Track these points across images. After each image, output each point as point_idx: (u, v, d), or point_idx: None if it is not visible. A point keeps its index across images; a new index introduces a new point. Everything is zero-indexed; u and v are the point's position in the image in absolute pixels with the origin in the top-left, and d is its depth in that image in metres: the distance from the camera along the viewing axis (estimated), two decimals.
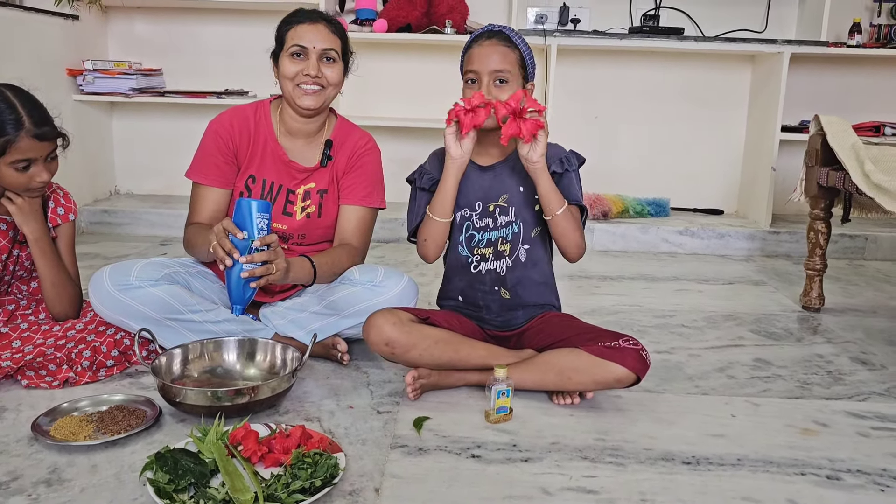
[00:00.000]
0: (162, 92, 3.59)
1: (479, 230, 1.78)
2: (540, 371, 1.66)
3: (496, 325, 1.82)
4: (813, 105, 3.53)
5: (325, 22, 1.84)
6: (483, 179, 1.78)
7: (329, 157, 1.93)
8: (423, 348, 1.68)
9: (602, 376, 1.61)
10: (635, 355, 1.60)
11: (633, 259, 3.27)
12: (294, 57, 1.82)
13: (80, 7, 3.44)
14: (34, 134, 1.62)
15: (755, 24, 3.65)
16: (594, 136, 3.77)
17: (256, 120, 1.92)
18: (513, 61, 1.69)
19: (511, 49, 1.70)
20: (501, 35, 1.71)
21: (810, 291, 2.53)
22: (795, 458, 1.49)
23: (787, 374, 1.95)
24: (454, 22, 3.38)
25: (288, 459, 1.32)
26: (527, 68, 1.73)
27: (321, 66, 1.82)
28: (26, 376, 1.70)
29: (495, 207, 1.76)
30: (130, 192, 3.87)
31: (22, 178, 1.66)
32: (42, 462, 1.38)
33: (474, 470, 1.41)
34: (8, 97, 1.62)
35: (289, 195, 1.92)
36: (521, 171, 1.73)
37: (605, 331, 1.71)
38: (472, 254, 1.79)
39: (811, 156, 2.45)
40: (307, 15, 1.84)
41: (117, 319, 1.77)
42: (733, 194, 3.82)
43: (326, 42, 1.82)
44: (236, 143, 1.90)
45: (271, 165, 1.91)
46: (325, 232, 1.97)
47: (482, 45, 1.70)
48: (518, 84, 1.70)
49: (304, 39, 1.81)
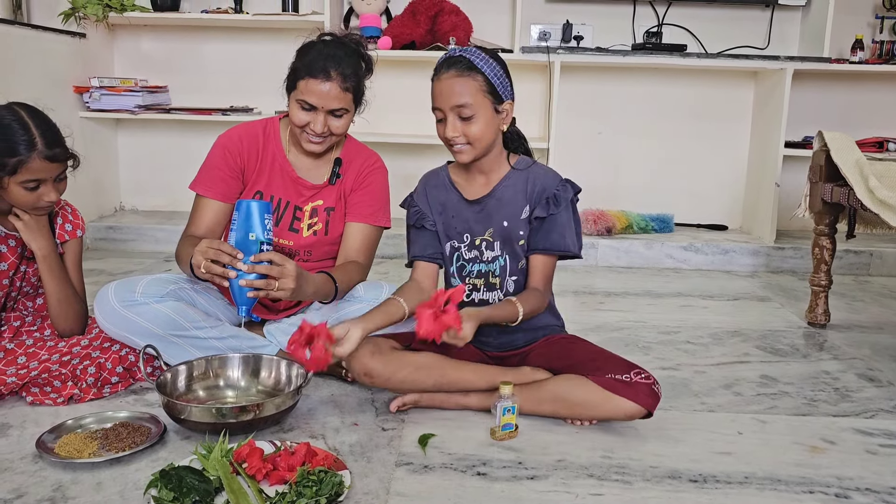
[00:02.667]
0: (167, 109, 3.61)
1: (468, 261, 1.75)
2: (547, 402, 1.64)
3: (495, 347, 1.79)
4: (816, 121, 3.54)
5: (340, 78, 1.75)
6: (470, 213, 1.74)
7: (338, 174, 1.93)
8: (404, 375, 1.65)
9: (612, 412, 1.58)
10: (648, 390, 1.57)
11: (638, 275, 3.26)
12: (302, 108, 1.78)
13: (88, 25, 3.48)
14: (46, 155, 1.63)
15: (758, 40, 3.67)
16: (597, 153, 3.78)
17: (266, 137, 1.93)
18: (474, 90, 1.59)
19: (471, 77, 1.59)
20: (460, 63, 1.60)
21: (816, 307, 2.52)
22: (803, 477, 1.48)
23: (793, 390, 1.94)
24: (458, 39, 3.40)
25: (293, 477, 1.31)
26: (496, 90, 1.62)
27: (329, 121, 1.79)
28: (31, 393, 1.70)
29: (482, 241, 1.73)
30: (135, 208, 3.88)
31: (30, 198, 1.66)
32: (46, 479, 1.38)
33: (480, 488, 1.40)
34: (22, 117, 1.63)
35: (296, 212, 1.92)
36: (506, 205, 1.70)
37: (612, 357, 1.67)
38: (465, 283, 1.76)
39: (815, 172, 2.45)
40: (321, 68, 1.74)
41: (122, 336, 1.77)
42: (737, 210, 3.82)
43: (336, 102, 1.77)
44: (244, 159, 1.90)
45: (279, 182, 1.92)
46: (330, 248, 1.97)
47: (441, 78, 1.61)
48: (487, 112, 1.61)
49: (312, 97, 1.75)
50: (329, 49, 1.78)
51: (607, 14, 3.66)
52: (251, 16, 3.47)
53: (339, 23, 3.62)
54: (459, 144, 1.64)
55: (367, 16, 3.52)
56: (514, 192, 1.71)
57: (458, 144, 1.64)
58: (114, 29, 3.72)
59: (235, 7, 3.52)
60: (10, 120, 1.62)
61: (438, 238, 1.78)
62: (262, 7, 3.60)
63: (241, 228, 1.61)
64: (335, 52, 1.77)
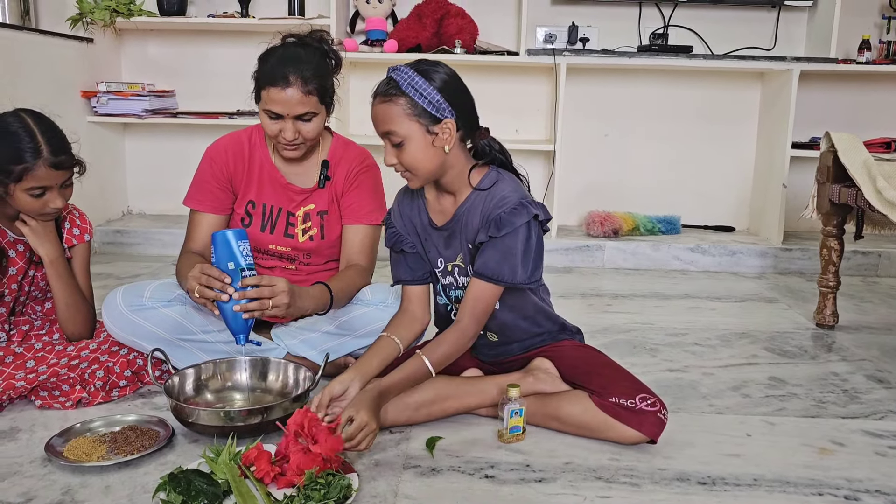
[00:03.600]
0: (174, 113, 3.62)
1: (445, 286, 1.71)
2: (550, 419, 1.61)
3: (489, 358, 1.77)
4: (823, 122, 3.53)
5: (301, 82, 1.69)
6: (439, 239, 1.66)
7: (327, 177, 1.91)
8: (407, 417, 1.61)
9: (616, 437, 1.55)
10: (653, 419, 1.53)
11: (645, 277, 3.26)
12: (270, 117, 1.75)
13: (95, 30, 3.49)
14: (51, 163, 1.63)
15: (764, 41, 3.66)
16: (604, 155, 3.78)
17: (251, 145, 1.91)
18: (397, 115, 1.49)
19: (393, 101, 1.48)
20: (388, 85, 1.50)
21: (824, 309, 2.51)
22: (812, 479, 1.47)
23: (802, 392, 1.93)
24: (464, 42, 3.41)
25: (301, 481, 1.31)
26: (425, 111, 1.49)
27: (298, 126, 1.75)
28: (40, 396, 1.70)
29: (454, 267, 1.66)
30: (143, 212, 3.90)
31: (36, 204, 1.67)
32: (55, 483, 1.38)
33: (488, 490, 1.40)
34: (28, 124, 1.64)
35: (289, 217, 1.92)
36: (465, 229, 1.60)
37: (620, 373, 1.63)
38: (451, 302, 1.72)
39: (823, 173, 2.44)
40: (280, 75, 1.69)
41: (130, 340, 1.78)
42: (744, 211, 3.81)
43: (300, 107, 1.71)
44: (231, 170, 1.89)
45: (269, 189, 1.91)
46: (331, 251, 1.97)
47: (373, 104, 1.53)
48: (418, 136, 1.50)
49: (276, 106, 1.71)
50: (287, 52, 1.74)
51: (613, 16, 3.66)
52: (257, 20, 3.48)
53: (345, 26, 3.63)
54: (401, 173, 1.57)
55: (373, 19, 3.52)
56: (473, 215, 1.59)
57: (401, 174, 1.58)
58: (121, 34, 3.73)
59: (241, 11, 3.53)
60: (16, 127, 1.62)
61: (421, 257, 1.71)
62: (267, 11, 3.62)
63: (221, 260, 1.62)
64: (293, 54, 1.73)
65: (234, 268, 1.61)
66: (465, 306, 1.57)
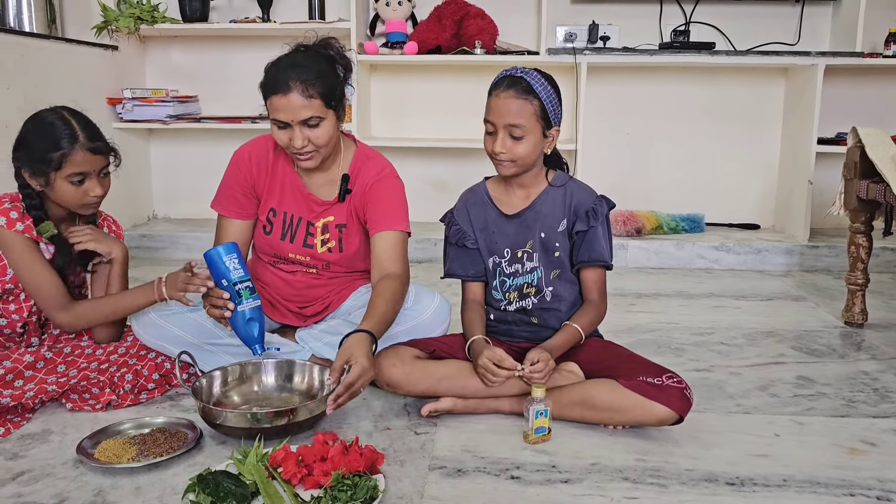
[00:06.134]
0: (198, 118, 3.66)
1: (508, 276, 1.79)
2: (575, 406, 1.64)
3: (522, 340, 1.81)
4: (849, 117, 3.47)
5: (301, 87, 1.69)
6: (509, 227, 1.79)
7: (347, 190, 1.89)
8: (428, 386, 1.69)
9: (642, 417, 1.57)
10: (679, 394, 1.56)
11: (669, 276, 3.23)
12: (279, 127, 1.75)
13: (120, 38, 3.54)
14: (88, 147, 1.69)
15: (788, 36, 3.62)
16: (626, 153, 3.76)
17: (275, 153, 1.91)
18: (529, 114, 1.65)
19: (529, 101, 1.65)
20: (520, 85, 1.65)
21: (853, 307, 2.48)
22: (843, 479, 1.45)
23: (831, 391, 1.91)
24: (483, 43, 3.41)
25: (328, 482, 1.32)
26: (548, 117, 1.68)
27: (306, 132, 1.73)
28: (70, 399, 1.73)
29: (523, 253, 1.78)
30: (168, 216, 3.94)
31: (77, 194, 1.70)
32: (87, 484, 1.41)
33: (514, 491, 1.40)
34: (63, 115, 1.71)
35: (309, 227, 1.91)
36: (543, 218, 1.76)
37: (644, 361, 1.69)
38: (504, 297, 1.81)
39: (850, 168, 2.41)
40: (281, 81, 1.71)
41: (158, 344, 1.80)
42: (769, 209, 3.76)
43: (303, 112, 1.70)
44: (254, 176, 1.90)
45: (291, 198, 1.91)
46: (350, 263, 1.95)
47: (499, 95, 1.66)
48: (536, 135, 1.67)
49: (280, 113, 1.72)
50: (288, 59, 1.75)
51: (634, 14, 3.63)
52: (278, 24, 3.50)
53: (365, 29, 3.65)
54: (505, 161, 1.69)
55: (393, 21, 3.54)
56: (553, 206, 1.76)
57: (503, 161, 1.70)
58: (145, 41, 3.78)
59: (263, 16, 3.56)
60: (52, 118, 1.69)
61: (481, 255, 1.82)
62: (288, 16, 3.64)
63: (216, 279, 1.71)
64: (293, 61, 1.73)
65: (227, 284, 1.69)
66: (591, 290, 1.78)
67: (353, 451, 1.39)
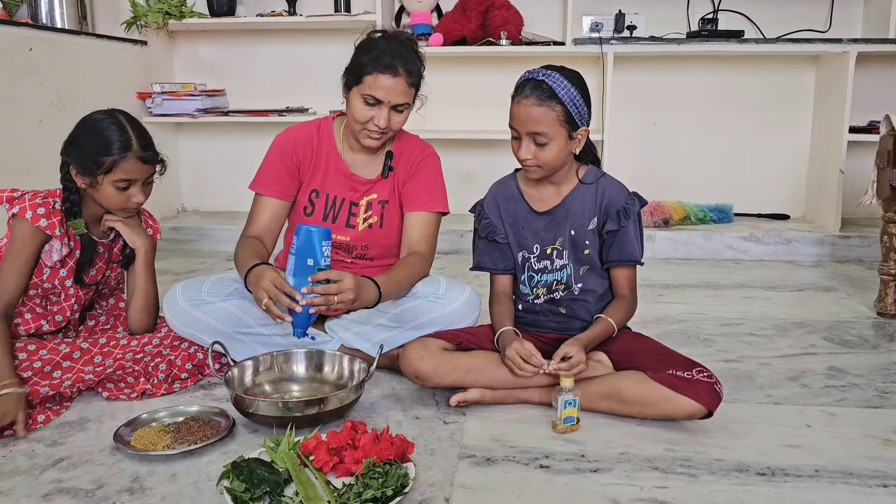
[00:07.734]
0: (226, 112, 3.70)
1: (537, 272, 1.79)
2: (603, 399, 1.64)
3: (550, 331, 1.82)
4: (882, 105, 3.40)
5: (406, 74, 1.78)
6: (539, 224, 1.78)
7: (391, 167, 1.95)
8: (454, 379, 1.70)
9: (671, 411, 1.57)
10: (709, 389, 1.55)
11: (697, 266, 3.21)
12: (366, 102, 1.80)
13: (149, 33, 3.59)
14: (139, 156, 1.72)
15: (818, 23, 3.56)
16: (653, 143, 3.73)
17: (320, 135, 1.96)
18: (551, 120, 1.61)
19: (550, 107, 1.61)
20: (541, 89, 1.61)
21: (885, 297, 2.44)
22: (877, 470, 1.44)
23: (863, 382, 1.89)
24: (509, 33, 3.40)
25: (359, 469, 1.34)
26: (573, 119, 1.64)
27: (391, 116, 1.81)
28: (106, 388, 1.77)
29: (552, 250, 1.77)
30: (197, 209, 3.99)
31: (120, 198, 1.74)
32: (124, 471, 1.44)
33: (543, 480, 1.40)
34: (120, 120, 1.73)
35: (351, 207, 1.95)
36: (573, 216, 1.75)
37: (674, 354, 1.68)
38: (532, 292, 1.81)
39: (882, 157, 2.37)
40: (389, 64, 1.76)
41: (190, 334, 1.83)
42: (799, 198, 3.72)
43: (402, 97, 1.79)
44: (300, 157, 1.94)
45: (334, 180, 1.95)
46: (386, 243, 1.99)
47: (520, 102, 1.64)
48: (561, 140, 1.64)
49: (380, 92, 1.77)
50: (393, 45, 1.80)
51: (661, 2, 3.60)
52: (304, 18, 3.53)
53: (390, 21, 3.65)
54: (531, 167, 1.69)
55: (418, 13, 3.54)
56: (584, 204, 1.75)
57: (530, 167, 1.69)
58: (173, 35, 3.82)
59: (289, 10, 3.58)
60: (108, 122, 1.72)
61: (511, 249, 1.81)
62: (314, 9, 3.66)
63: (301, 254, 1.65)
64: (399, 48, 1.80)
65: (311, 265, 1.65)
66: (622, 286, 1.77)
67: (384, 439, 1.40)
